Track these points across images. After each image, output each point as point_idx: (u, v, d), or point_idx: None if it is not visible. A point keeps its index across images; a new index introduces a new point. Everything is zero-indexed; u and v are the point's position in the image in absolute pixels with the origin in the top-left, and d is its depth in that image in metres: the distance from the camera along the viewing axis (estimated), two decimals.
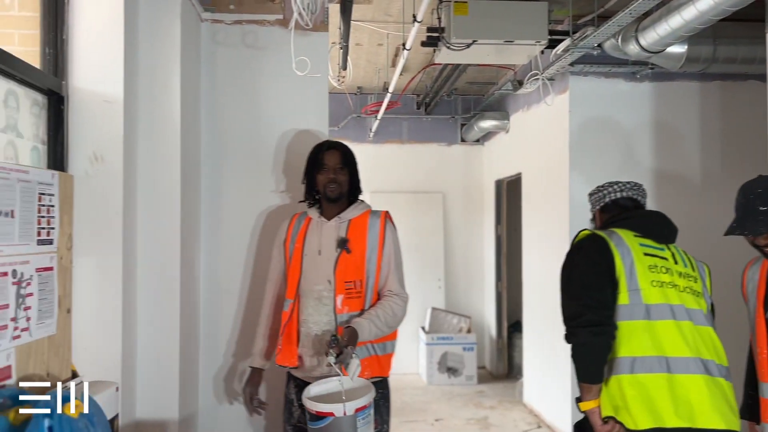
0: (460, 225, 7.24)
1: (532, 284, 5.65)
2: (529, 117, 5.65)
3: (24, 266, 1.48)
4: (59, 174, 1.63)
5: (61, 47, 2.38)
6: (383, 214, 2.50)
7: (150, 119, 2.60)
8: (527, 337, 5.87)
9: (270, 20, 3.05)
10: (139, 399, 2.59)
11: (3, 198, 1.39)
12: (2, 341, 1.40)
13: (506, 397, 6.11)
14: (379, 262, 2.42)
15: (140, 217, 2.58)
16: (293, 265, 2.50)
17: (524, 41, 3.90)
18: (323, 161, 2.49)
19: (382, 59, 5.69)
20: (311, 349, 2.42)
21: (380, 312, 2.35)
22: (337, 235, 2.45)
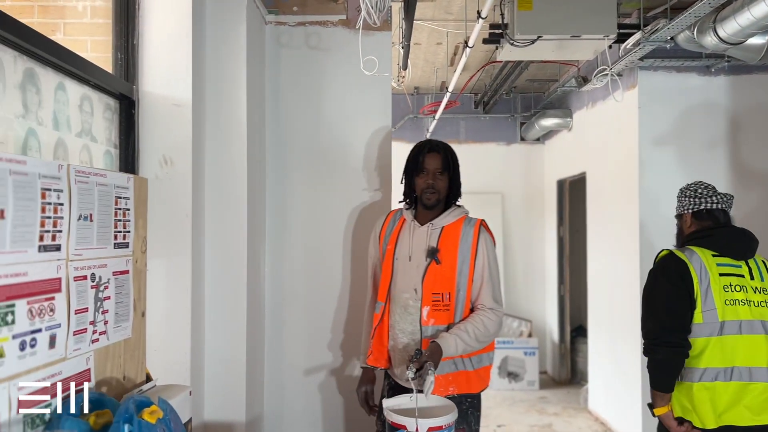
0: (520, 226, 7.08)
1: (598, 288, 5.46)
2: (594, 114, 5.47)
3: (102, 270, 1.48)
4: (134, 177, 1.63)
5: (131, 52, 2.41)
6: (478, 223, 2.38)
7: (217, 122, 2.61)
8: (592, 342, 5.68)
9: (333, 21, 3.02)
10: (207, 401, 2.60)
11: (82, 202, 1.39)
12: (82, 345, 1.41)
13: (570, 403, 5.93)
14: (471, 274, 2.30)
15: (208, 219, 2.59)
16: (385, 267, 2.43)
17: (592, 36, 3.75)
18: (423, 164, 2.38)
19: (441, 58, 5.61)
20: (398, 354, 2.37)
21: (469, 327, 2.21)
22: (427, 243, 2.34)
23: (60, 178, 1.32)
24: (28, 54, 1.74)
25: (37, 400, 1.24)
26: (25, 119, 1.73)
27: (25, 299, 1.21)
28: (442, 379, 2.25)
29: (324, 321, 3.02)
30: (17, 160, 1.19)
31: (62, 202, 1.33)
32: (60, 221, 1.32)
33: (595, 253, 5.55)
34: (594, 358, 5.64)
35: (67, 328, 1.35)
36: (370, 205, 3.02)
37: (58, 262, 1.32)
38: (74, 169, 1.38)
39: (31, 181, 1.23)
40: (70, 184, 1.36)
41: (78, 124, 2.05)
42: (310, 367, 3.02)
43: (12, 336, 1.18)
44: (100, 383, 1.49)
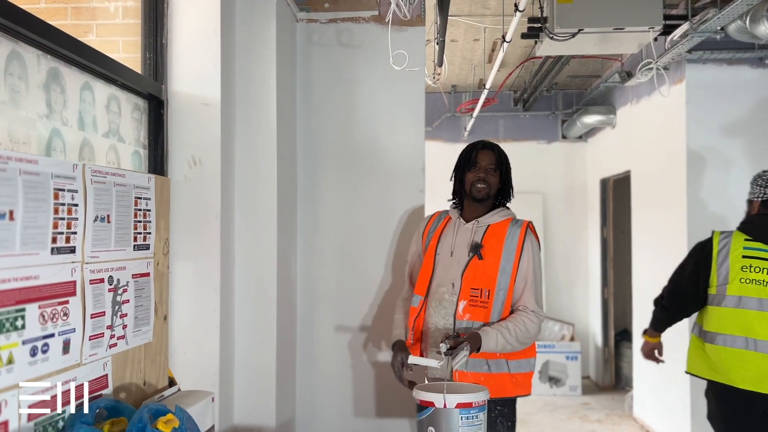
0: (562, 227, 6.88)
1: (644, 291, 5.25)
2: (639, 110, 5.27)
3: (120, 272, 1.44)
4: (155, 177, 1.59)
5: (161, 51, 2.39)
6: (525, 224, 2.34)
7: (247, 122, 2.57)
8: (638, 346, 5.46)
9: (365, 17, 2.95)
10: (237, 405, 2.56)
11: (99, 202, 1.35)
12: (98, 350, 1.37)
13: (614, 410, 5.73)
14: (513, 274, 2.26)
15: (238, 221, 2.56)
16: (426, 261, 2.43)
17: (636, 28, 3.59)
18: (476, 160, 2.37)
19: (478, 55, 5.49)
20: (430, 348, 2.35)
21: (510, 326, 2.17)
22: (471, 238, 2.33)
23: (75, 178, 1.28)
24: (52, 53, 1.72)
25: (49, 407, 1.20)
26: (49, 119, 1.71)
27: (36, 303, 1.17)
28: (473, 378, 2.21)
29: (356, 323, 2.95)
30: (28, 159, 1.15)
31: (77, 202, 1.29)
32: (75, 222, 1.28)
33: (640, 255, 5.35)
34: (639, 363, 5.42)
35: (83, 332, 1.31)
36: (403, 206, 2.94)
37: (72, 265, 1.28)
38: (90, 168, 1.34)
39: (43, 181, 1.19)
40: (86, 185, 1.32)
41: (105, 124, 2.03)
42: (342, 369, 2.96)
43: (22, 341, 1.14)
44: (119, 389, 1.44)
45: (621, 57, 5.29)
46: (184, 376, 2.35)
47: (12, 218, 1.10)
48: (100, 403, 1.32)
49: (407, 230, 2.92)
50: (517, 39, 4.74)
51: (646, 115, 5.11)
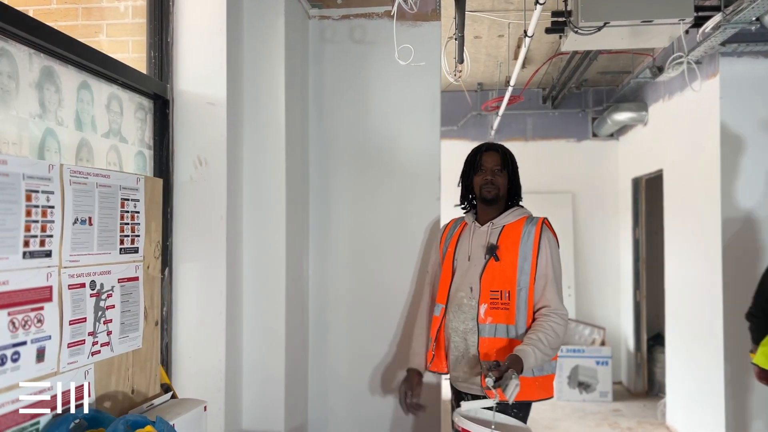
0: (592, 228, 6.69)
1: (677, 293, 5.05)
2: (672, 107, 5.07)
3: (104, 277, 1.39)
4: (145, 178, 1.54)
5: (166, 50, 2.35)
6: (540, 221, 2.31)
7: (254, 121, 2.51)
8: (671, 351, 5.26)
9: (378, 12, 2.88)
10: (245, 410, 2.51)
11: (79, 204, 1.30)
12: (79, 357, 1.32)
13: (646, 417, 5.53)
14: (533, 273, 2.22)
15: (246, 222, 2.50)
16: (445, 269, 2.42)
17: (665, 20, 3.43)
18: (481, 163, 2.37)
19: (503, 52, 5.36)
20: (451, 355, 2.35)
21: (542, 336, 2.12)
22: (487, 240, 2.31)
23: (50, 179, 1.23)
24: (45, 52, 1.69)
25: (21, 418, 1.15)
26: (43, 119, 1.68)
27: (5, 310, 1.12)
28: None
29: (369, 326, 2.88)
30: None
31: (53, 204, 1.24)
32: (50, 225, 1.23)
33: (673, 257, 5.14)
34: (673, 369, 5.23)
35: (60, 339, 1.26)
36: (418, 207, 2.85)
37: (48, 269, 1.23)
38: (69, 169, 1.28)
39: (12, 182, 1.14)
40: (63, 186, 1.27)
41: (105, 124, 2.00)
42: (355, 373, 2.89)
43: None
44: (103, 398, 1.39)
45: (652, 51, 5.10)
46: (190, 381, 2.31)
47: None
48: (78, 414, 1.27)
49: (422, 232, 2.83)
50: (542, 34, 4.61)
51: (678, 112, 4.91)
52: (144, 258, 1.55)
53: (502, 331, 2.21)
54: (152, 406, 1.53)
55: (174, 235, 2.31)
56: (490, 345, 2.21)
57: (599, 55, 4.94)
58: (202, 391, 2.29)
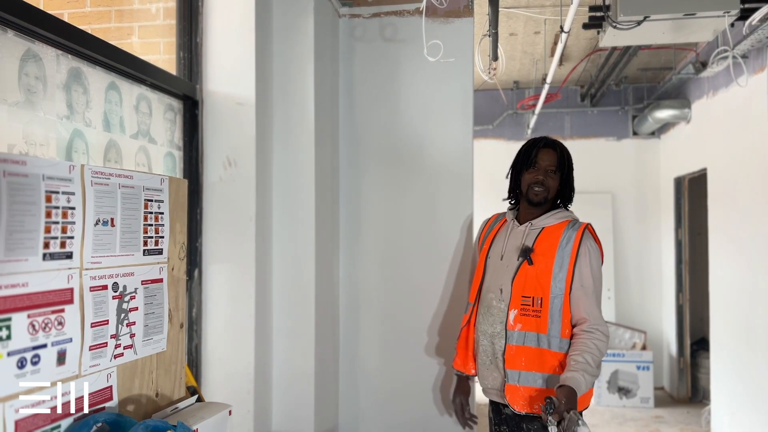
0: (633, 228, 6.50)
1: (723, 296, 4.86)
2: (716, 103, 4.88)
3: (127, 278, 1.37)
4: (170, 179, 1.52)
5: (195, 51, 2.34)
6: (582, 227, 2.12)
7: (284, 121, 2.49)
8: (716, 357, 5.06)
9: (409, 10, 2.82)
10: (275, 412, 2.49)
11: (100, 205, 1.28)
12: (101, 360, 1.30)
13: (689, 424, 5.34)
14: (568, 282, 2.06)
15: (275, 223, 2.48)
16: (478, 267, 2.31)
17: (709, 13, 3.30)
18: (535, 159, 2.18)
19: (540, 49, 5.25)
20: (479, 358, 2.23)
21: (589, 358, 1.96)
22: (522, 242, 2.16)
23: (71, 179, 1.22)
24: (73, 53, 1.69)
25: (40, 422, 1.14)
26: (70, 120, 1.68)
27: (24, 312, 1.11)
28: (525, 393, 2.06)
29: (401, 327, 2.83)
30: (14, 159, 1.09)
31: (73, 205, 1.22)
32: (71, 227, 1.22)
33: (719, 258, 4.95)
34: (718, 375, 5.03)
35: (81, 342, 1.24)
36: (449, 206, 2.79)
37: (69, 271, 1.21)
38: (90, 169, 1.27)
39: (32, 182, 1.13)
40: (84, 187, 1.25)
41: (134, 125, 1.99)
42: (386, 375, 2.84)
43: (7, 353, 1.08)
44: (126, 401, 1.38)
45: (695, 46, 4.93)
46: (219, 383, 2.30)
47: None
48: (99, 417, 1.25)
49: (454, 233, 2.77)
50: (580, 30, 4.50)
51: (723, 109, 4.72)
52: (168, 259, 1.53)
53: (532, 340, 2.06)
54: (176, 410, 1.51)
55: (203, 236, 2.31)
56: (517, 352, 2.08)
57: (639, 51, 4.79)
58: (231, 393, 2.28)
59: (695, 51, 4.90)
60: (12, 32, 1.47)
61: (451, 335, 2.70)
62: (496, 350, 2.14)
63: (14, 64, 1.48)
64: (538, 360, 2.04)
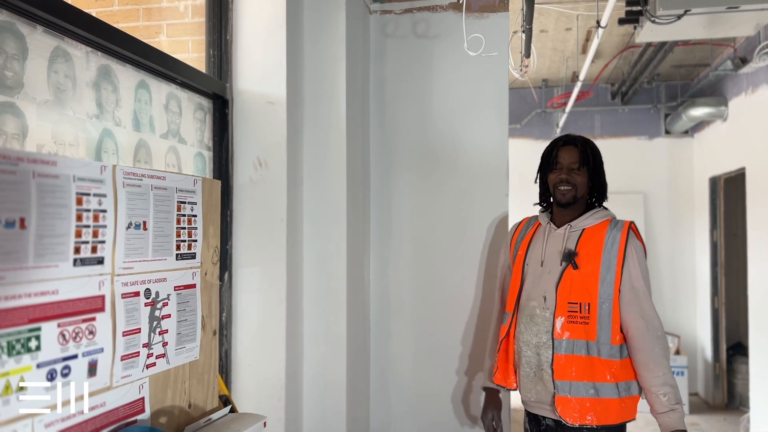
0: (666, 230, 6.34)
1: (762, 300, 4.70)
2: (755, 100, 4.72)
3: (159, 284, 1.31)
4: (203, 180, 1.45)
5: (225, 49, 2.28)
6: (626, 225, 2.03)
7: (314, 120, 2.42)
8: (756, 362, 4.90)
9: (443, 5, 2.74)
10: (306, 418, 2.42)
11: (132, 208, 1.22)
12: (133, 371, 1.24)
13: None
14: (617, 284, 1.96)
15: (306, 225, 2.41)
16: (514, 275, 2.19)
17: (753, 6, 3.17)
18: (557, 159, 2.11)
19: (571, 46, 5.13)
20: (522, 371, 2.12)
21: (669, 379, 1.94)
22: (563, 245, 2.06)
23: (103, 181, 1.16)
24: (103, 50, 1.64)
25: None
26: (100, 119, 1.63)
27: (54, 321, 1.05)
28: (577, 404, 1.95)
29: (434, 333, 2.74)
30: (44, 160, 1.03)
31: (105, 208, 1.16)
32: (102, 230, 1.15)
33: (758, 261, 4.79)
34: (757, 381, 4.86)
35: (113, 352, 1.18)
36: (483, 208, 2.70)
37: (100, 278, 1.15)
38: (122, 170, 1.21)
39: (62, 184, 1.06)
40: (116, 188, 1.19)
41: (163, 124, 1.94)
42: (418, 382, 2.76)
43: (36, 365, 1.02)
44: (158, 413, 1.31)
45: (734, 42, 4.77)
46: (250, 390, 2.24)
47: (23, 226, 0.98)
48: (132, 431, 1.19)
49: (490, 235, 2.68)
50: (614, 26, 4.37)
51: (764, 106, 4.56)
52: (201, 264, 1.47)
53: (581, 348, 1.97)
54: (210, 421, 1.45)
55: (234, 239, 2.25)
56: (566, 362, 1.98)
57: (675, 47, 4.65)
58: (262, 400, 2.22)
59: (733, 47, 4.74)
60: (41, 28, 1.42)
61: (485, 341, 2.61)
62: (542, 361, 2.04)
63: (43, 61, 1.43)
64: (589, 369, 1.94)
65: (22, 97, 1.32)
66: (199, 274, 1.46)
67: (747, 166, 4.91)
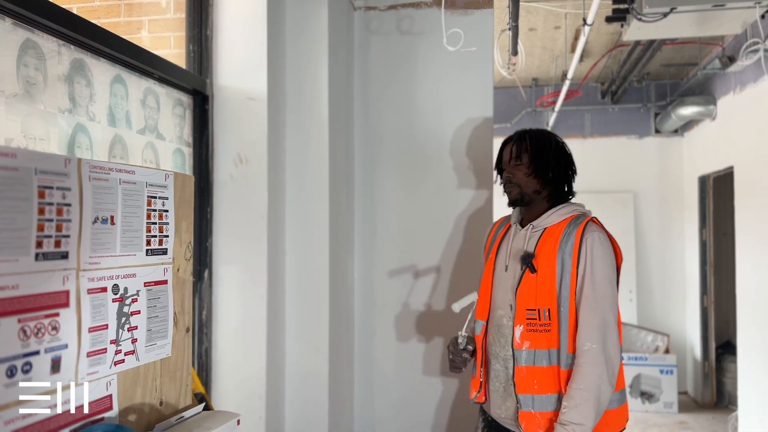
0: (655, 229, 6.34)
1: (750, 298, 4.70)
2: (743, 99, 4.72)
3: (128, 280, 1.29)
4: (175, 174, 1.43)
5: (205, 44, 2.26)
6: (585, 221, 1.81)
7: (297, 117, 2.41)
8: (743, 361, 4.90)
9: (427, 2, 2.73)
10: (288, 418, 2.40)
11: (99, 202, 1.20)
12: (100, 367, 1.21)
13: (716, 431, 5.17)
14: (572, 288, 1.76)
15: (287, 222, 2.40)
16: (485, 280, 2.00)
17: (739, 3, 3.17)
18: (500, 157, 1.98)
19: (560, 44, 5.12)
20: (491, 385, 1.94)
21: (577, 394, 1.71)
22: (524, 247, 1.88)
23: (67, 174, 1.13)
24: (76, 44, 1.62)
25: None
26: (73, 114, 1.60)
27: (14, 317, 1.03)
28: (542, 419, 1.79)
29: (418, 331, 2.73)
30: (3, 152, 1.01)
31: (69, 202, 1.14)
32: (66, 224, 1.13)
33: (746, 259, 4.79)
34: (746, 380, 4.87)
35: (78, 348, 1.16)
36: (468, 206, 2.69)
37: (64, 272, 1.13)
38: (88, 164, 1.19)
39: (23, 177, 1.04)
40: (81, 182, 1.17)
41: (140, 120, 1.92)
42: (403, 381, 2.75)
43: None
44: (127, 411, 1.29)
45: (722, 41, 4.78)
46: (230, 388, 2.22)
47: None
48: (98, 429, 1.17)
49: (473, 233, 2.67)
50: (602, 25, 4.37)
51: (752, 104, 4.57)
52: (173, 260, 1.45)
53: (543, 359, 1.78)
54: (182, 419, 1.43)
55: (214, 236, 2.23)
56: (527, 374, 1.80)
57: (663, 46, 4.65)
58: (242, 398, 2.20)
59: (721, 45, 4.75)
60: (10, 20, 1.40)
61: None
62: (509, 374, 1.86)
63: (12, 53, 1.40)
64: (553, 381, 1.78)
65: None
66: (171, 269, 1.44)
67: (735, 165, 4.91)
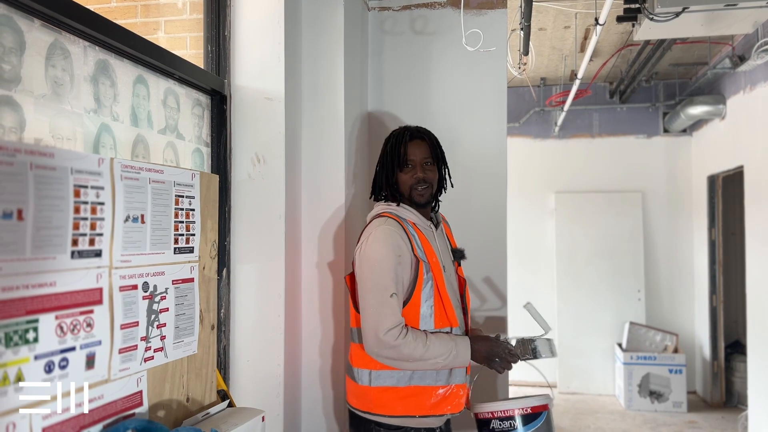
0: (664, 228, 6.34)
1: (760, 298, 4.70)
2: (754, 98, 4.72)
3: (157, 278, 1.31)
4: (201, 174, 1.45)
5: (223, 44, 2.28)
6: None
7: (313, 116, 2.42)
8: (754, 360, 4.90)
9: (441, 2, 2.74)
10: (304, 416, 2.42)
11: (130, 201, 1.22)
12: (131, 364, 1.23)
13: (725, 430, 5.17)
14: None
15: (305, 221, 2.41)
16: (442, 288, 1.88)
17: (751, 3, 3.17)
18: (407, 156, 1.93)
19: (569, 44, 5.13)
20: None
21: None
22: (446, 245, 2.04)
23: (101, 173, 1.15)
24: (100, 45, 1.63)
25: (68, 429, 1.08)
26: (98, 114, 1.62)
27: (52, 313, 1.05)
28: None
29: None
30: (41, 152, 1.03)
31: (103, 201, 1.16)
32: (100, 223, 1.15)
33: (756, 259, 4.79)
34: (755, 380, 4.87)
35: (110, 345, 1.18)
36: (482, 206, 2.70)
37: (98, 270, 1.15)
38: (120, 163, 1.21)
39: (60, 176, 1.06)
40: (114, 181, 1.19)
41: (161, 120, 1.94)
42: None
43: (34, 356, 1.02)
44: (156, 407, 1.31)
45: (732, 40, 4.77)
46: (248, 386, 2.24)
47: (21, 218, 0.98)
48: (129, 424, 1.19)
49: (488, 231, 2.68)
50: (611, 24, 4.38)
51: (762, 104, 4.56)
52: (199, 258, 1.47)
53: None
54: (208, 415, 1.45)
55: (232, 235, 2.25)
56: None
57: (673, 45, 4.65)
58: (260, 395, 2.21)
59: (731, 45, 4.75)
60: (39, 22, 1.42)
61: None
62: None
63: (41, 55, 1.42)
64: None
65: (20, 91, 1.32)
66: (197, 268, 1.46)
67: (745, 164, 4.91)
